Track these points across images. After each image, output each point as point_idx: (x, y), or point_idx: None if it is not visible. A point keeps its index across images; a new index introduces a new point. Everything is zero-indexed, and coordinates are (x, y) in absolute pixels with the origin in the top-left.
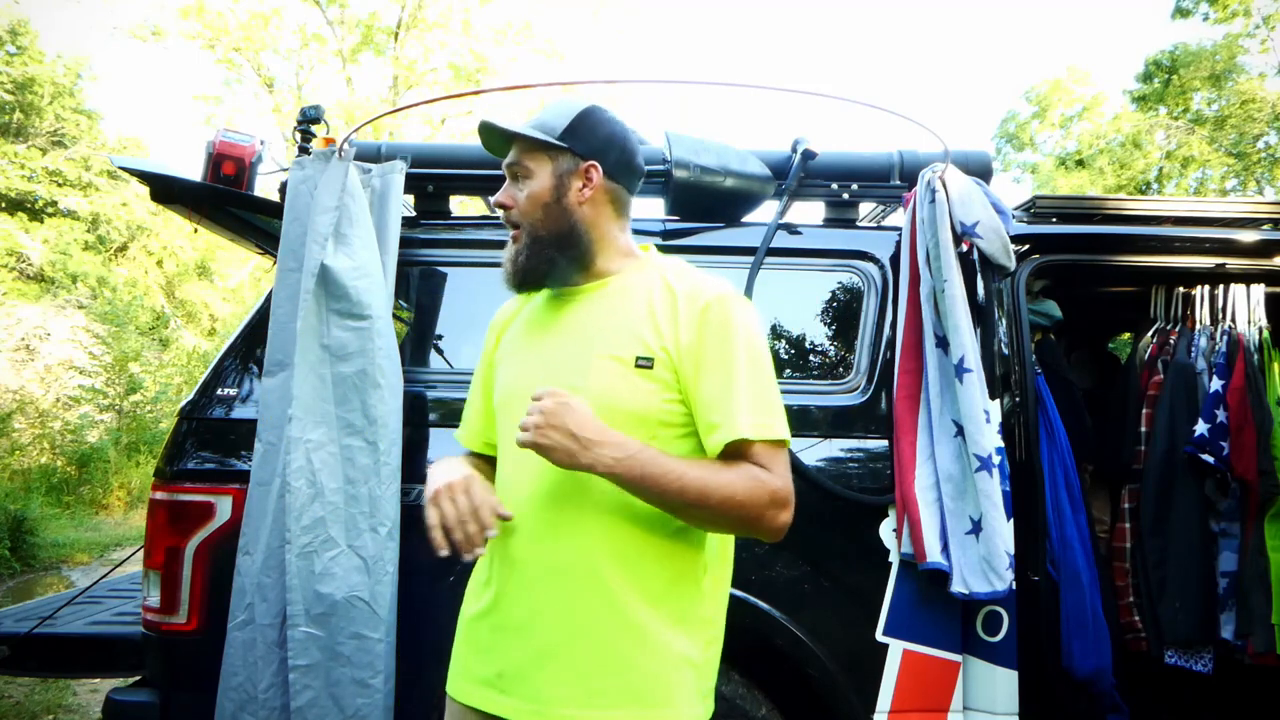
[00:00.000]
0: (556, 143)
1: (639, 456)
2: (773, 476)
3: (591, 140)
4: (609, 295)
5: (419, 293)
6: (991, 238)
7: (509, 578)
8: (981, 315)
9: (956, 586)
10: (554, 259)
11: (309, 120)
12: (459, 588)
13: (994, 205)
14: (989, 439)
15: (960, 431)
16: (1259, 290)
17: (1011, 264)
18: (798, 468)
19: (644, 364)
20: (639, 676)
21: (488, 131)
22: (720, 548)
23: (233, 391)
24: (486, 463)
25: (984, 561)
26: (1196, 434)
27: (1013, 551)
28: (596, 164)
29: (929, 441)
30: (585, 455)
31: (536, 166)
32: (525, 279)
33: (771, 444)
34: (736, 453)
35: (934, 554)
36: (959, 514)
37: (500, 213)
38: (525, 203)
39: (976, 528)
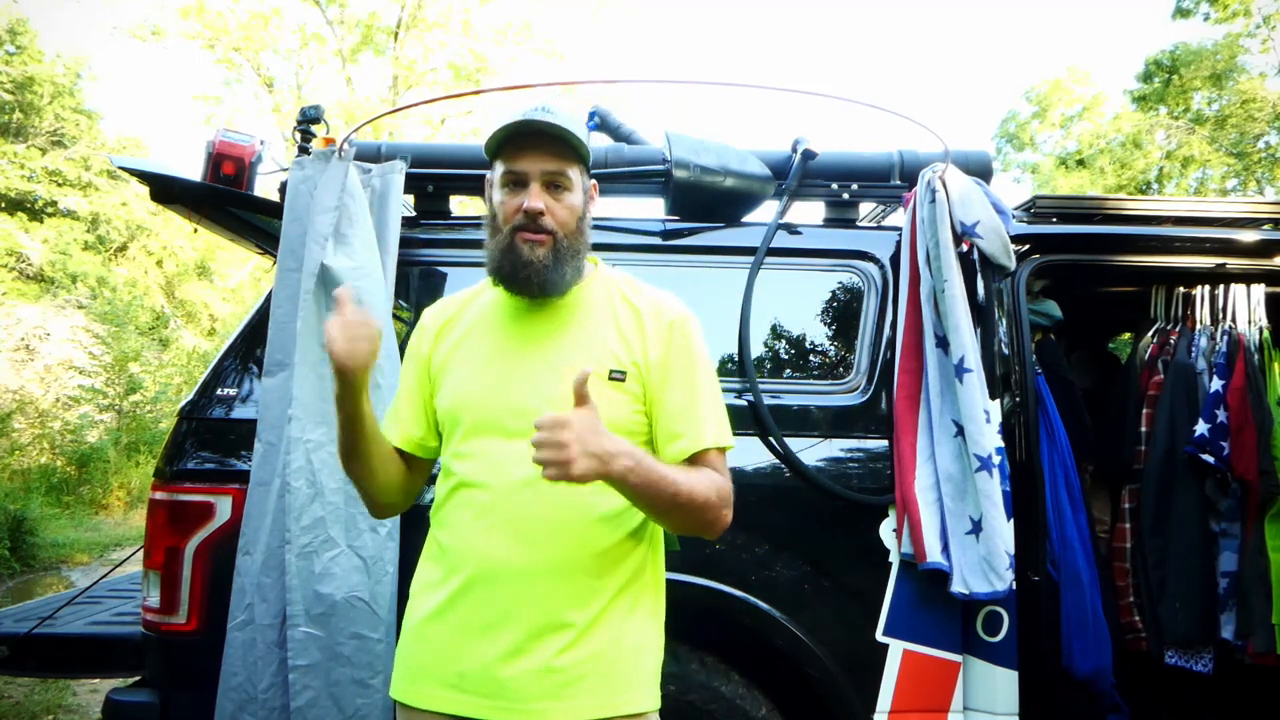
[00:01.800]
0: (585, 157)
1: (645, 462)
2: (726, 480)
3: (588, 153)
4: (571, 308)
5: (419, 293)
6: (992, 238)
7: (475, 580)
8: (981, 315)
9: (956, 586)
10: (574, 271)
11: (309, 120)
12: None
13: (994, 205)
14: (989, 439)
15: (960, 431)
16: (1259, 290)
17: (1011, 264)
18: (798, 468)
19: (617, 377)
20: (608, 666)
21: (533, 133)
22: (654, 542)
23: (233, 391)
24: (403, 460)
25: (984, 561)
26: (1197, 434)
27: (1013, 551)
28: (595, 181)
29: (929, 441)
30: (604, 469)
31: (576, 178)
32: (546, 287)
33: (722, 450)
34: (695, 459)
35: (934, 554)
36: (959, 514)
37: (522, 217)
38: (566, 214)
39: (976, 528)
